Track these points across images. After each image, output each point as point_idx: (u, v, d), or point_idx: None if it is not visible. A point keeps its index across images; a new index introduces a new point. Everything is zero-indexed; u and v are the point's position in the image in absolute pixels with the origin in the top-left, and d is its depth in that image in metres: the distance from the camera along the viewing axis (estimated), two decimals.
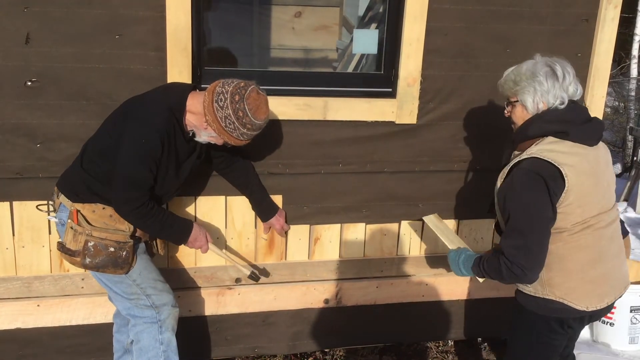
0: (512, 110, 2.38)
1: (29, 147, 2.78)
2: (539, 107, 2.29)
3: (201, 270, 3.13)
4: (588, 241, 2.34)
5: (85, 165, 2.60)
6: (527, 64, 2.31)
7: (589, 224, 2.32)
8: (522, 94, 2.30)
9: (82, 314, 3.04)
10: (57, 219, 2.70)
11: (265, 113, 2.54)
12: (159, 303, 2.74)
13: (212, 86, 2.52)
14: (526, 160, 2.27)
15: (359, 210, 3.27)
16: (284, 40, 4.75)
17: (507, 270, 2.28)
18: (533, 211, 2.25)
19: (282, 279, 3.26)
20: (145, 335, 2.74)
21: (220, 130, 2.50)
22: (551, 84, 2.26)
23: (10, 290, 2.94)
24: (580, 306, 2.36)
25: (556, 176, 2.23)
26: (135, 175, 2.48)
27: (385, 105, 3.11)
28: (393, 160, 3.22)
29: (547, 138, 2.29)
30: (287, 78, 3.19)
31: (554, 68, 2.27)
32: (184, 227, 2.71)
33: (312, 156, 3.12)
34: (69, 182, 2.64)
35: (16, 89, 2.70)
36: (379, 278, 3.38)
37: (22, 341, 3.03)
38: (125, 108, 2.59)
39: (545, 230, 2.27)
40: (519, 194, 2.26)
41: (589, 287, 2.37)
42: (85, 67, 2.74)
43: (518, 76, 2.30)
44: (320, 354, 3.83)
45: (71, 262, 2.65)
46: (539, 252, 2.26)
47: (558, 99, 2.27)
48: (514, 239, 2.27)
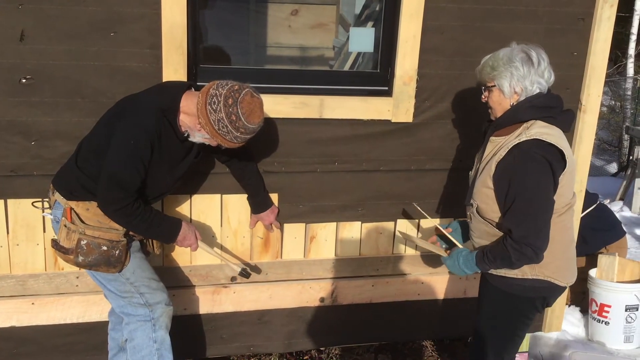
0: (489, 95, 2.45)
1: (24, 144, 2.77)
2: (516, 90, 2.36)
3: (196, 268, 3.13)
4: (570, 222, 2.49)
5: (80, 163, 2.59)
6: (504, 50, 2.39)
7: (570, 205, 2.45)
8: (499, 78, 2.37)
9: (77, 312, 3.03)
10: (52, 215, 2.69)
11: (260, 117, 2.50)
12: (152, 301, 2.73)
13: (206, 88, 2.50)
14: (527, 142, 2.30)
15: (354, 209, 3.26)
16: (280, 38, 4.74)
17: (517, 253, 2.32)
18: (542, 193, 2.31)
19: (278, 278, 3.26)
20: (139, 333, 2.74)
21: (213, 133, 2.49)
22: (527, 70, 2.33)
23: (4, 289, 2.93)
24: (563, 282, 2.51)
25: (558, 158, 2.31)
26: (121, 176, 2.47)
27: (381, 103, 3.11)
28: (389, 159, 3.22)
29: (538, 122, 2.36)
30: (284, 76, 3.18)
31: (529, 54, 2.35)
32: (172, 226, 2.69)
33: (308, 154, 3.11)
34: (63, 180, 2.64)
35: (11, 87, 2.69)
36: (374, 277, 3.38)
37: (17, 339, 3.02)
38: (119, 108, 2.57)
39: (551, 211, 2.34)
40: (527, 177, 2.29)
41: (570, 263, 2.53)
42: (81, 64, 2.73)
43: (495, 62, 2.37)
44: (316, 352, 3.83)
45: (65, 259, 2.65)
46: (547, 232, 2.33)
47: (535, 84, 2.35)
48: (524, 222, 2.30)
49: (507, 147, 2.36)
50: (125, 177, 2.47)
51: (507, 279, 2.49)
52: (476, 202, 2.48)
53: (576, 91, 3.34)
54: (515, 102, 2.38)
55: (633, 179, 7.39)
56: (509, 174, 2.33)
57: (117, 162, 2.45)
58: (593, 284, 4.06)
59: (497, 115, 2.45)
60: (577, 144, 3.39)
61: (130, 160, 2.45)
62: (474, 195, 2.49)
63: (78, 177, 2.58)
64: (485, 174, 2.43)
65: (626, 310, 3.90)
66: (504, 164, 2.35)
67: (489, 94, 2.45)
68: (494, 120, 2.46)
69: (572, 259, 2.56)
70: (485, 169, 2.44)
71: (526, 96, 2.36)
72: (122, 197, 2.48)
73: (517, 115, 2.37)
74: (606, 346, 3.96)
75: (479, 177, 2.47)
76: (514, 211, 2.33)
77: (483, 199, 2.45)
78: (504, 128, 2.42)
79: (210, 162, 2.96)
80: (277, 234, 3.19)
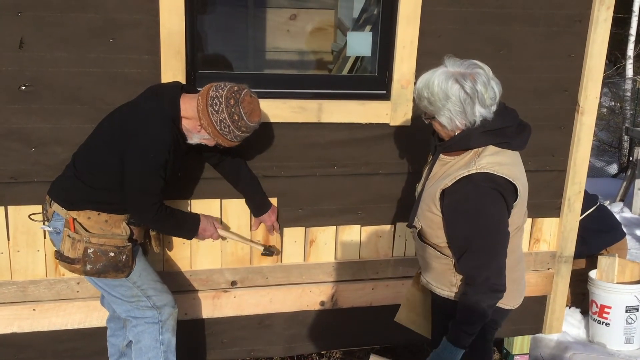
0: (431, 122, 2.27)
1: (24, 151, 2.78)
2: (458, 125, 2.18)
3: (197, 273, 3.13)
4: (517, 243, 2.37)
5: (80, 175, 2.60)
6: (438, 80, 2.14)
7: (519, 227, 2.33)
8: (438, 115, 2.19)
9: (78, 318, 3.04)
10: (51, 227, 2.69)
11: (259, 116, 2.60)
12: (160, 304, 2.76)
13: (205, 90, 2.55)
14: (478, 175, 2.13)
15: (354, 212, 3.27)
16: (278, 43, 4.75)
17: (486, 298, 2.17)
18: (499, 229, 2.17)
19: (278, 282, 3.26)
20: (146, 335, 2.75)
21: (215, 133, 2.55)
22: (466, 104, 2.13)
23: (5, 295, 2.94)
24: (508, 305, 2.39)
25: (511, 191, 2.17)
26: (149, 187, 2.56)
27: (379, 107, 3.12)
28: (388, 162, 3.23)
29: (489, 148, 2.19)
30: (282, 81, 3.19)
31: (463, 86, 2.11)
32: (194, 221, 2.80)
33: (307, 158, 3.12)
34: (61, 191, 2.65)
35: (10, 94, 2.71)
36: (374, 280, 3.39)
37: (18, 345, 3.03)
38: (122, 122, 2.58)
39: (507, 243, 2.21)
40: (481, 215, 2.15)
41: (514, 286, 2.38)
42: (79, 71, 2.74)
43: (432, 96, 2.16)
44: (317, 356, 3.84)
45: (71, 269, 2.66)
46: (505, 267, 2.21)
47: (477, 114, 2.15)
48: (485, 264, 2.16)
49: (454, 175, 2.18)
50: (152, 187, 2.56)
51: (452, 302, 2.34)
52: (420, 224, 2.34)
53: (574, 93, 3.35)
54: (460, 131, 2.20)
55: (633, 180, 7.40)
56: (460, 212, 2.17)
57: (142, 177, 2.54)
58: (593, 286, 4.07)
59: (444, 138, 2.27)
60: (575, 145, 3.40)
61: (153, 171, 2.53)
62: (418, 217, 2.34)
63: (79, 189, 2.60)
64: (429, 199, 2.27)
65: (626, 311, 3.90)
66: (453, 199, 2.18)
67: (431, 121, 2.26)
68: (443, 142, 2.27)
69: (518, 280, 2.41)
70: (429, 192, 2.28)
71: (471, 126, 2.17)
72: (154, 202, 2.59)
73: (468, 143, 2.19)
74: (607, 347, 3.97)
75: (423, 200, 2.31)
76: (472, 255, 2.17)
77: (427, 223, 2.30)
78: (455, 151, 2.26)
79: (209, 167, 2.97)
80: (276, 238, 3.20)
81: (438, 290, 2.41)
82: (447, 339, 2.24)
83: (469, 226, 2.16)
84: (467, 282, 2.22)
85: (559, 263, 3.60)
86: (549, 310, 3.68)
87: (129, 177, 2.53)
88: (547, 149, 3.38)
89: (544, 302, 3.68)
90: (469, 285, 2.21)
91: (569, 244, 3.58)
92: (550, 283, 3.62)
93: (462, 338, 2.22)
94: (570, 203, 3.50)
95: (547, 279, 3.61)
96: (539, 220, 3.51)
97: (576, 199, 3.51)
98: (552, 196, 3.49)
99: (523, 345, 3.85)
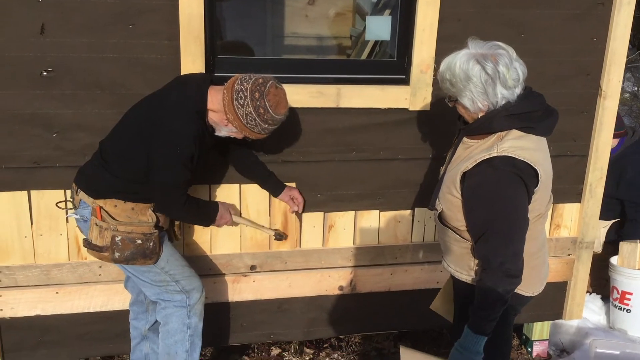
0: (455, 106, 2.28)
1: (45, 136, 2.82)
2: (481, 107, 2.18)
3: (216, 257, 3.16)
4: (538, 230, 2.34)
5: (106, 164, 2.63)
6: (460, 61, 2.15)
7: (542, 214, 2.31)
8: (460, 97, 2.19)
9: (100, 301, 3.08)
10: (78, 215, 2.73)
11: (285, 107, 2.60)
12: (188, 288, 2.79)
13: (230, 83, 2.55)
14: (499, 159, 2.12)
15: (372, 198, 3.27)
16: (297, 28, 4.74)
17: (502, 283, 2.15)
18: (518, 214, 2.16)
19: (297, 266, 3.28)
20: (174, 318, 2.80)
21: (241, 127, 2.57)
22: (487, 85, 2.13)
23: (29, 278, 2.99)
24: (528, 292, 2.37)
25: (532, 175, 2.15)
26: (176, 180, 2.58)
27: (398, 92, 3.10)
28: (407, 147, 3.21)
29: (513, 132, 2.18)
30: (301, 66, 3.19)
31: (485, 67, 2.11)
32: (214, 210, 2.84)
33: (326, 144, 3.12)
34: (88, 180, 2.68)
35: (32, 79, 2.73)
36: (393, 265, 3.39)
37: (41, 328, 3.08)
38: (149, 113, 2.59)
39: (526, 229, 2.20)
40: (500, 197, 2.14)
41: (534, 273, 2.37)
42: (99, 56, 2.76)
43: (453, 78, 2.16)
44: (335, 340, 3.86)
45: (99, 257, 2.69)
46: (522, 252, 2.19)
47: (499, 96, 2.14)
48: (500, 248, 2.15)
49: (475, 158, 2.17)
50: (179, 179, 2.59)
51: (470, 286, 2.33)
52: (441, 207, 2.32)
53: (596, 77, 3.30)
54: (483, 113, 2.20)
55: None
56: (479, 195, 2.16)
57: (169, 170, 2.56)
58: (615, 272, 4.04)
59: (469, 120, 2.28)
60: (597, 130, 3.36)
61: (180, 165, 2.55)
62: (439, 199, 2.33)
63: (105, 178, 2.63)
64: (450, 182, 2.26)
65: None
66: (473, 182, 2.17)
67: (455, 104, 2.27)
68: (467, 126, 2.28)
69: (538, 267, 2.40)
70: (450, 175, 2.28)
71: (494, 108, 2.17)
72: (181, 195, 2.62)
73: (491, 125, 2.18)
74: (628, 334, 3.94)
75: (445, 183, 2.31)
76: (488, 239, 2.16)
77: (448, 205, 2.29)
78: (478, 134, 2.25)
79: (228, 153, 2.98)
80: (295, 223, 3.21)
81: (457, 274, 2.41)
82: (468, 326, 2.24)
83: (487, 210, 2.15)
84: (482, 266, 2.22)
85: (579, 249, 3.57)
86: (569, 296, 3.65)
87: (155, 170, 2.55)
88: (568, 134, 3.34)
89: (564, 288, 3.65)
90: (484, 269, 2.20)
91: (590, 229, 3.55)
92: (570, 269, 3.60)
93: (481, 324, 2.20)
94: (592, 188, 3.46)
95: (568, 265, 3.59)
96: (559, 205, 3.48)
97: (598, 184, 3.47)
98: (574, 182, 3.46)
99: (543, 331, 3.83)
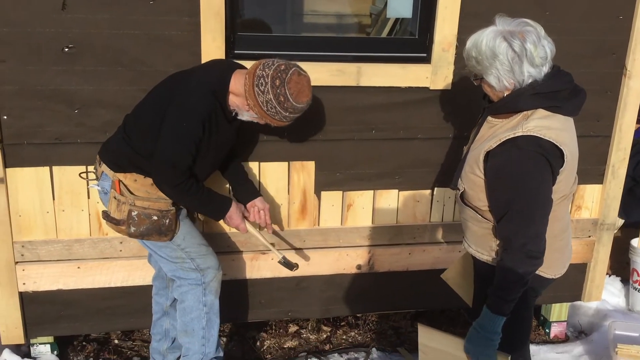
0: (481, 84, 2.25)
1: (67, 112, 2.83)
2: (507, 85, 2.15)
3: (235, 235, 3.17)
4: (562, 212, 2.31)
5: (128, 139, 2.64)
6: (487, 38, 2.12)
7: (566, 195, 2.28)
8: (486, 75, 2.16)
9: (121, 277, 3.12)
10: (99, 187, 2.76)
11: (308, 96, 2.54)
12: (203, 266, 2.80)
13: (253, 68, 2.53)
14: (524, 138, 2.10)
15: (392, 177, 3.26)
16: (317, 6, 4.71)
17: (522, 264, 2.13)
18: (541, 195, 2.13)
19: (315, 245, 3.29)
20: (190, 296, 2.82)
21: (262, 114, 2.55)
22: (514, 63, 2.10)
23: (52, 253, 3.03)
24: (549, 274, 2.35)
25: (557, 156, 2.12)
26: (175, 157, 2.54)
27: (419, 70, 3.08)
28: (427, 127, 3.19)
29: (539, 111, 2.14)
30: (321, 44, 3.16)
31: (512, 44, 2.08)
32: (221, 205, 2.76)
33: (345, 122, 3.11)
34: (111, 153, 2.69)
35: (54, 55, 2.74)
36: (411, 244, 3.39)
37: (63, 302, 3.13)
38: (171, 88, 2.60)
39: (550, 210, 2.18)
40: (524, 177, 2.11)
41: (557, 255, 2.35)
42: (120, 33, 2.76)
43: (479, 55, 2.13)
44: (352, 318, 3.88)
45: (117, 230, 2.72)
46: (545, 232, 2.17)
47: (525, 74, 2.11)
48: (522, 228, 2.13)
49: (499, 137, 2.14)
50: (178, 158, 2.54)
51: (491, 266, 2.32)
52: (463, 186, 2.31)
53: (621, 56, 3.25)
54: (509, 92, 2.17)
55: None
56: (503, 175, 2.14)
57: (171, 144, 2.52)
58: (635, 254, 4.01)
59: (494, 99, 2.24)
60: (620, 110, 3.31)
61: (183, 142, 2.52)
62: (462, 178, 2.31)
63: (126, 153, 2.64)
64: (473, 161, 2.24)
65: None
66: (497, 161, 2.15)
67: (480, 82, 2.23)
68: (492, 104, 2.25)
69: (561, 249, 2.37)
70: (474, 154, 2.25)
71: (520, 87, 2.14)
72: (176, 176, 2.56)
73: (517, 104, 2.15)
74: None
75: (467, 162, 2.29)
76: (510, 219, 2.14)
77: (470, 185, 2.27)
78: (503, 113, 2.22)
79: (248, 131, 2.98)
80: (314, 201, 3.21)
81: (478, 254, 2.40)
82: (486, 306, 2.23)
83: (510, 190, 2.13)
84: (504, 246, 2.20)
85: (600, 230, 3.54)
86: (589, 278, 3.63)
87: (159, 143, 2.54)
88: (592, 114, 3.29)
89: (584, 270, 3.63)
90: (505, 250, 2.18)
91: (611, 211, 3.51)
92: (591, 251, 3.57)
93: (500, 304, 2.19)
94: (615, 170, 3.42)
95: (588, 246, 3.56)
96: (581, 186, 3.44)
97: (620, 165, 3.43)
98: (596, 162, 3.42)
99: (561, 312, 3.82)
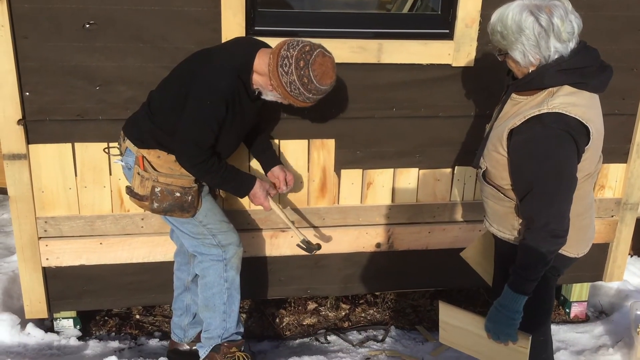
0: (505, 60, 2.21)
1: (89, 89, 2.84)
2: (532, 61, 2.11)
3: (255, 212, 3.19)
4: (586, 191, 2.27)
5: (152, 116, 2.65)
6: (513, 12, 2.08)
7: (591, 174, 2.25)
8: (511, 50, 2.12)
9: (142, 253, 3.15)
10: (123, 162, 2.78)
11: (331, 78, 2.53)
12: (225, 242, 2.82)
13: (277, 48, 2.51)
14: (548, 116, 2.06)
15: (412, 155, 3.24)
16: None
17: (545, 243, 2.11)
18: (566, 173, 2.09)
19: (335, 223, 3.29)
20: (211, 271, 2.84)
21: (285, 94, 2.54)
22: (540, 38, 2.06)
23: (74, 229, 3.06)
24: (572, 253, 2.32)
25: (583, 133, 2.08)
26: (196, 134, 2.54)
27: (441, 47, 3.04)
28: (448, 105, 3.16)
29: (564, 88, 2.11)
30: (341, 20, 3.13)
31: (539, 19, 2.04)
32: (245, 183, 2.76)
33: (366, 100, 3.09)
34: (135, 129, 2.71)
35: (75, 32, 2.75)
36: (431, 223, 3.38)
37: (85, 277, 3.17)
38: (193, 66, 2.60)
39: (574, 188, 2.14)
40: (548, 155, 2.07)
41: (580, 234, 2.31)
42: (141, 9, 2.75)
43: (504, 29, 2.09)
44: (371, 297, 3.89)
45: (140, 205, 2.75)
46: (569, 211, 2.14)
47: (552, 49, 2.07)
48: (546, 207, 2.10)
49: (524, 115, 2.11)
50: (200, 135, 2.54)
51: (512, 245, 2.30)
52: (485, 165, 2.28)
53: None
54: (534, 68, 2.13)
55: None
56: (527, 153, 2.10)
57: (193, 121, 2.53)
58: None
59: (518, 75, 2.21)
60: None
61: (205, 121, 2.52)
62: (484, 157, 2.29)
63: (150, 129, 2.65)
64: (496, 139, 2.21)
65: None
66: (521, 139, 2.11)
67: (505, 58, 2.20)
68: (516, 81, 2.21)
69: (585, 228, 2.33)
70: (497, 132, 2.23)
71: (546, 62, 2.10)
72: (198, 154, 2.57)
73: (542, 81, 2.11)
74: None
75: (490, 140, 2.26)
76: (534, 198, 2.11)
77: (492, 163, 2.25)
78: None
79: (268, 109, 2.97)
80: (334, 179, 3.20)
81: (500, 233, 2.37)
82: (508, 285, 2.21)
83: (534, 168, 2.10)
84: (527, 225, 2.18)
85: (623, 210, 3.50)
86: (611, 258, 3.60)
87: (181, 121, 2.54)
88: (616, 92, 3.23)
89: (605, 250, 3.60)
90: (528, 229, 2.16)
91: (635, 191, 3.47)
92: (613, 231, 3.54)
93: (521, 283, 2.17)
94: (639, 148, 3.37)
95: (611, 226, 3.52)
96: (604, 165, 3.40)
97: None
98: (620, 141, 3.37)
99: (582, 292, 3.80)
